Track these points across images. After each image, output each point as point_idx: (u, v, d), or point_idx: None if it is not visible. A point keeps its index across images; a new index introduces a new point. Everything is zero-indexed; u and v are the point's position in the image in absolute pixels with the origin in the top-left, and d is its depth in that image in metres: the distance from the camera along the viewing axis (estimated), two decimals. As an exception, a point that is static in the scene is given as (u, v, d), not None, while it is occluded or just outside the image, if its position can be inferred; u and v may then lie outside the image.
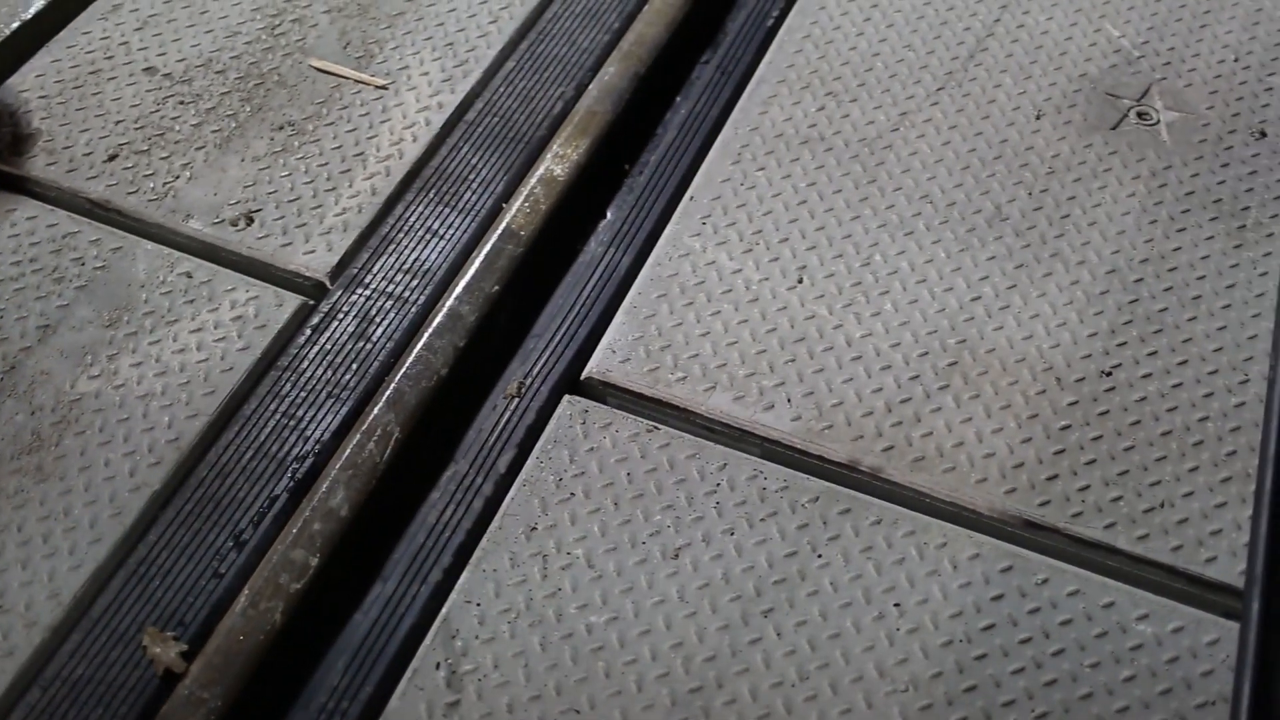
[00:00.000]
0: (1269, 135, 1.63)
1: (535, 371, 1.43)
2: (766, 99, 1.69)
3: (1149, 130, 1.64)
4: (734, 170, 1.60)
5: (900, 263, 1.49)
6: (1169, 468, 1.32)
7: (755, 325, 1.44)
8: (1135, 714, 1.18)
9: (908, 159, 1.61)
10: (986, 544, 1.28)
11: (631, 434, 1.36)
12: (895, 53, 1.75)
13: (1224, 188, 1.58)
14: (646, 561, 1.27)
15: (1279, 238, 1.51)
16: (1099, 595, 1.24)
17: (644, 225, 1.57)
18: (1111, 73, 1.72)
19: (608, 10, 1.83)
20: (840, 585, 1.25)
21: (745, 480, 1.32)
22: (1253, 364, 1.40)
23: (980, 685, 1.19)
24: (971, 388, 1.38)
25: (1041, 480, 1.31)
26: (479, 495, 1.33)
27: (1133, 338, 1.42)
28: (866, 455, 1.33)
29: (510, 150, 1.65)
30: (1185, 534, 1.28)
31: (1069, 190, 1.57)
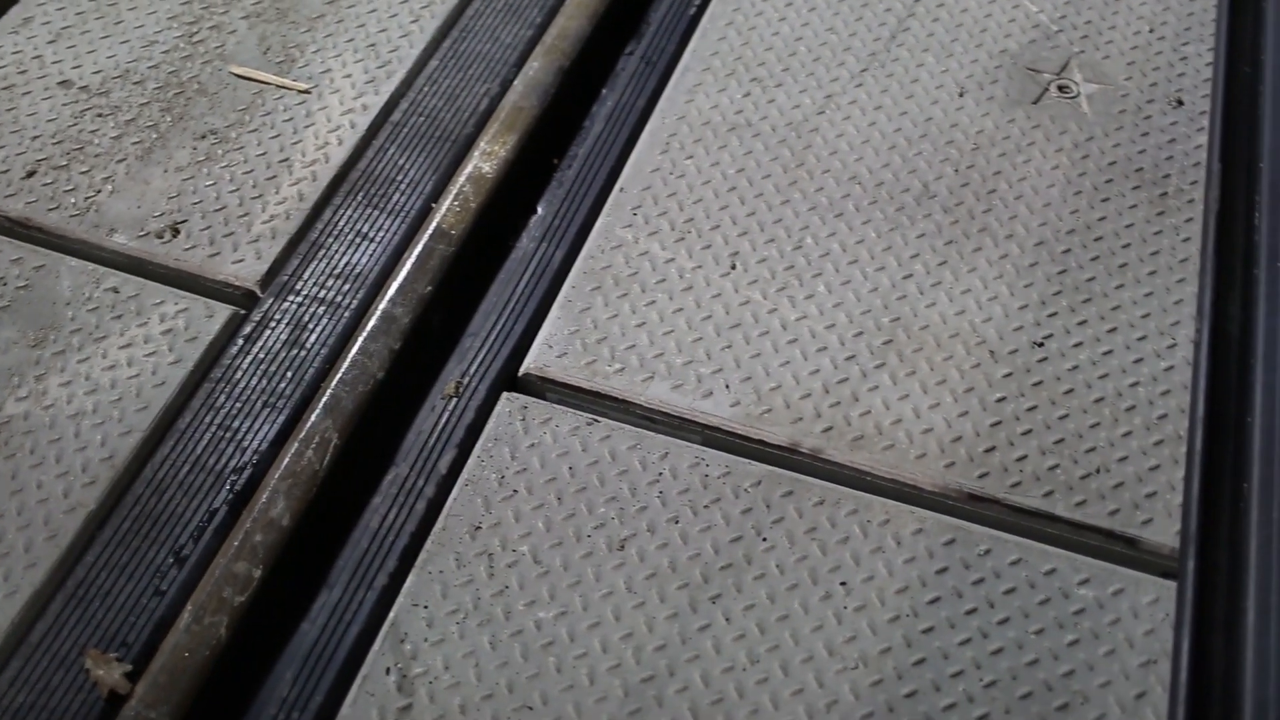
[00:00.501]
0: (1186, 104, 1.66)
1: (472, 370, 1.42)
2: (692, 87, 1.69)
3: (1070, 103, 1.67)
4: (663, 160, 1.60)
5: (831, 244, 1.50)
6: (1103, 434, 1.34)
7: (690, 313, 1.44)
8: (1080, 677, 1.19)
9: (834, 141, 1.62)
10: (929, 518, 1.29)
11: (572, 428, 1.36)
12: (818, 36, 1.76)
13: (1145, 157, 1.60)
14: (593, 554, 1.27)
15: (1199, 204, 1.53)
16: (1040, 563, 1.26)
17: (575, 219, 1.56)
18: (1031, 48, 1.74)
19: (530, 5, 1.82)
20: (786, 567, 1.26)
21: (687, 468, 1.33)
22: (1179, 328, 1.42)
23: (929, 658, 1.20)
24: (907, 365, 1.39)
25: (980, 453, 1.32)
26: (421, 497, 1.33)
27: (1063, 308, 1.44)
28: (806, 437, 1.34)
29: (437, 149, 1.64)
30: (1121, 498, 1.30)
31: (994, 165, 1.59)
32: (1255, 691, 1.12)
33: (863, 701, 1.18)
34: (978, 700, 1.18)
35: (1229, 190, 1.50)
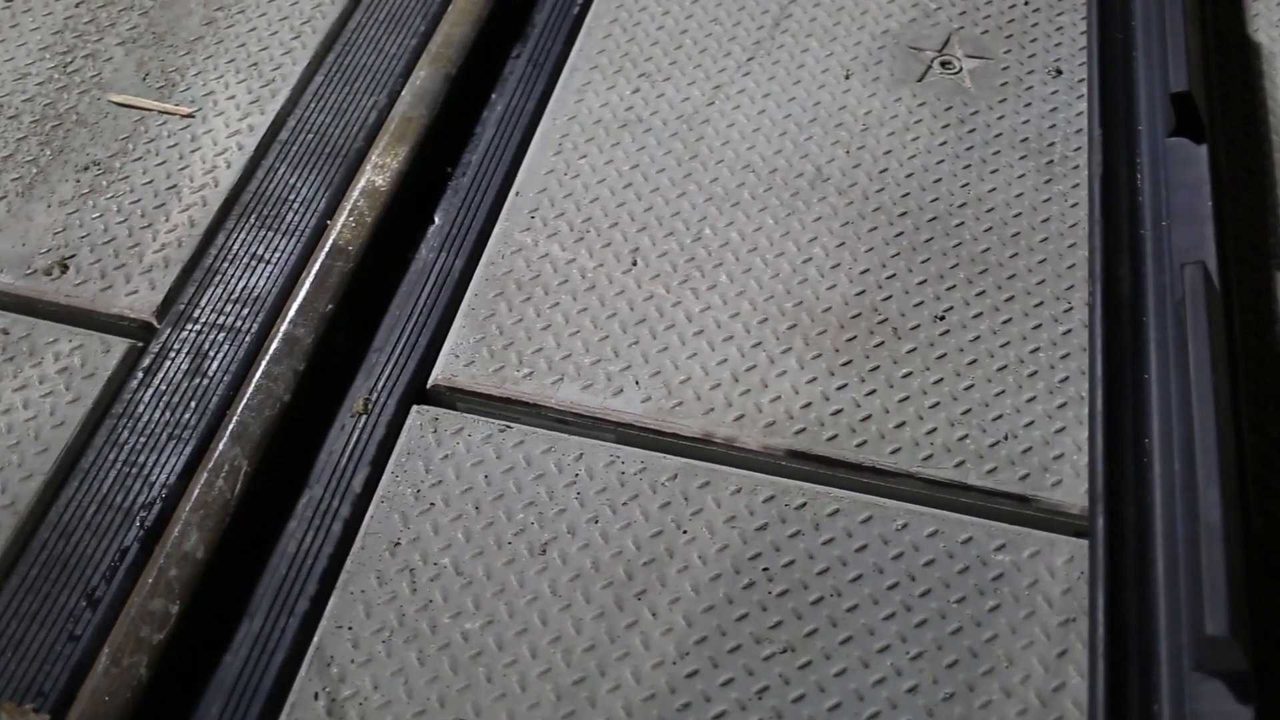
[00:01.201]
0: (1064, 73, 1.70)
1: (380, 386, 1.41)
2: (581, 87, 1.69)
3: (953, 79, 1.69)
4: (556, 161, 1.60)
5: (730, 234, 1.51)
6: (1008, 401, 1.37)
7: (595, 312, 1.44)
8: (1004, 640, 1.21)
9: (726, 131, 1.63)
10: (845, 498, 1.30)
11: (484, 436, 1.35)
12: (702, 28, 1.77)
13: (1029, 127, 1.63)
14: (515, 561, 1.27)
15: (1084, 169, 1.57)
16: (957, 532, 1.28)
17: (473, 226, 1.55)
18: (912, 27, 1.76)
19: (412, 14, 1.81)
20: (708, 558, 1.26)
21: (603, 467, 1.32)
22: (1074, 292, 1.45)
23: (855, 635, 1.22)
24: (813, 348, 1.40)
25: (890, 429, 1.34)
26: (337, 518, 1.31)
27: (960, 280, 1.47)
28: (719, 427, 1.35)
29: (329, 166, 1.62)
30: (1030, 462, 1.32)
31: (884, 145, 1.61)
32: (1169, 639, 1.15)
33: (793, 685, 1.19)
34: (905, 673, 1.20)
35: (1111, 154, 1.54)
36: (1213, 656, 1.09)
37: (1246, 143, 1.63)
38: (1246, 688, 1.09)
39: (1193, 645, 1.12)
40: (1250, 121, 1.66)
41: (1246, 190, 1.58)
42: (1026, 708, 1.18)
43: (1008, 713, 1.17)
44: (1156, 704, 1.13)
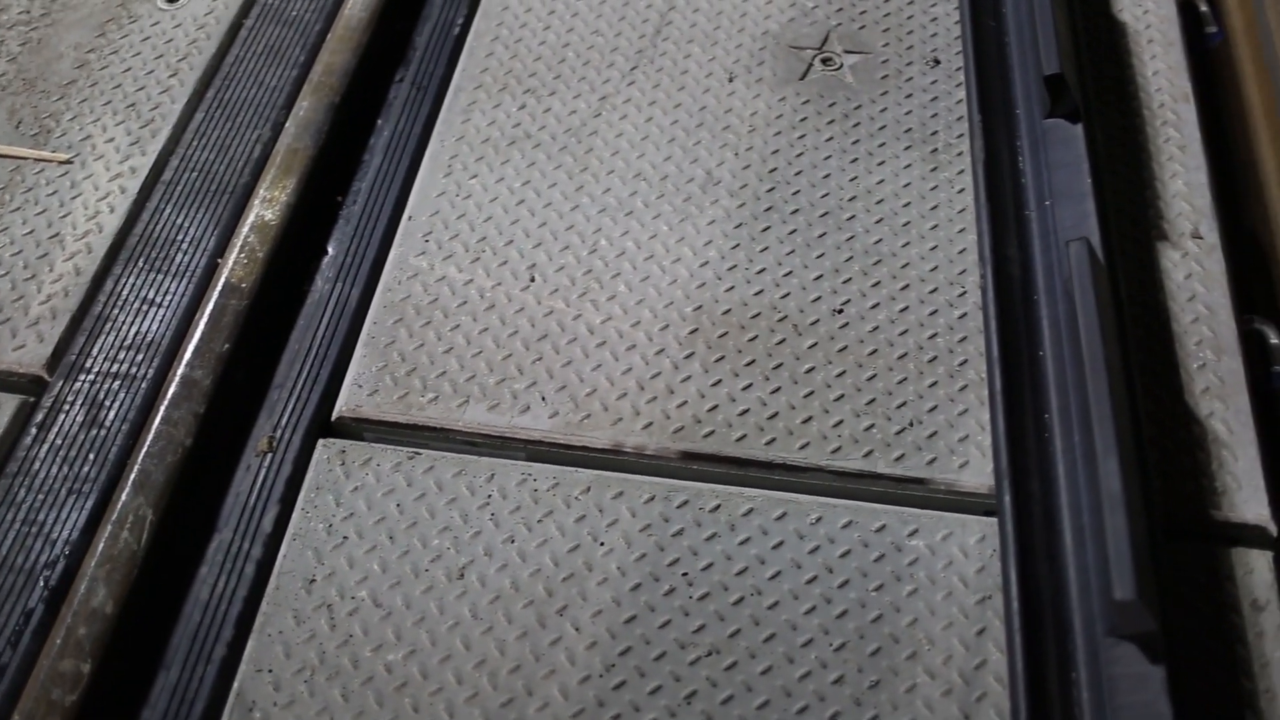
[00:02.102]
0: (942, 62, 1.73)
1: (284, 422, 1.39)
2: (467, 106, 1.69)
3: (835, 75, 1.72)
4: (447, 183, 1.59)
5: (626, 243, 1.52)
6: (911, 388, 1.39)
7: (496, 332, 1.44)
8: (923, 624, 1.23)
9: (615, 141, 1.63)
10: (759, 497, 1.31)
11: (394, 464, 1.34)
12: (584, 40, 1.77)
13: (911, 117, 1.66)
14: (433, 588, 1.26)
15: (968, 155, 1.60)
16: (870, 521, 1.29)
17: (367, 254, 1.54)
18: (791, 26, 1.78)
19: (291, 45, 1.79)
20: (627, 569, 1.26)
21: (515, 486, 1.32)
22: (967, 276, 1.48)
23: (778, 632, 1.22)
24: (715, 351, 1.41)
25: (797, 425, 1.35)
26: (249, 560, 1.29)
27: (856, 273, 1.49)
28: (628, 436, 1.35)
29: (216, 203, 1.59)
30: (937, 446, 1.34)
31: (772, 145, 1.62)
32: (1081, 607, 1.17)
33: (721, 687, 1.19)
34: (830, 665, 1.21)
35: (992, 139, 1.57)
36: (1123, 620, 1.12)
37: (1120, 119, 1.68)
38: (1157, 648, 1.12)
39: (1103, 611, 1.15)
40: (1122, 98, 1.71)
41: (1124, 165, 1.63)
42: (950, 687, 1.19)
43: (932, 694, 1.19)
44: (1074, 671, 1.15)
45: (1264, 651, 1.23)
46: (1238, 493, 1.33)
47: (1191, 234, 1.56)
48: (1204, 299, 1.49)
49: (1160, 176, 1.62)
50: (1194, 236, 1.55)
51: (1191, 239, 1.55)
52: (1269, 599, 1.26)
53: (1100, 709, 1.12)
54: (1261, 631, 1.24)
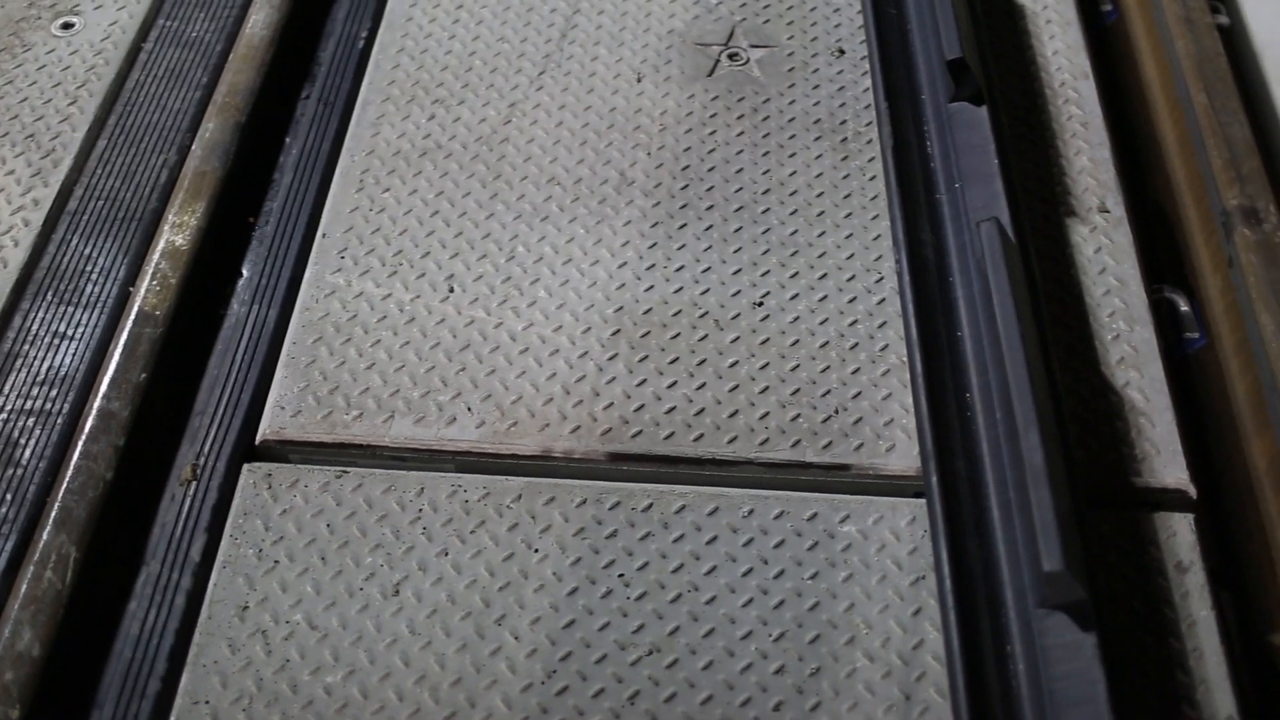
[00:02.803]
0: (847, 52, 1.75)
1: (207, 449, 1.37)
2: (375, 120, 1.67)
3: (742, 70, 1.73)
4: (360, 198, 1.58)
5: (543, 249, 1.51)
6: (834, 375, 1.40)
7: (418, 345, 1.43)
8: (860, 608, 1.24)
9: (527, 147, 1.63)
10: (690, 493, 1.31)
11: (321, 484, 1.33)
12: (490, 47, 1.76)
13: (820, 108, 1.68)
14: (369, 606, 1.24)
15: (877, 142, 1.62)
16: (802, 511, 1.30)
17: (282, 274, 1.52)
18: (696, 24, 1.79)
19: (192, 66, 1.76)
20: (563, 574, 1.26)
21: (446, 498, 1.31)
22: (883, 262, 1.50)
23: (717, 627, 1.23)
24: (639, 350, 1.42)
25: (724, 419, 1.36)
26: (179, 591, 1.27)
27: (774, 265, 1.50)
28: (557, 441, 1.35)
29: (124, 231, 1.56)
30: (863, 432, 1.36)
31: (684, 142, 1.63)
32: (1012, 581, 1.19)
33: (663, 686, 1.19)
34: (771, 655, 1.21)
35: (899, 125, 1.59)
36: (1053, 592, 1.14)
37: (1023, 100, 1.71)
38: (1088, 616, 1.14)
39: (1033, 584, 1.16)
40: (1024, 79, 1.74)
41: (1029, 144, 1.65)
42: (890, 669, 1.21)
43: (873, 677, 1.20)
44: (1009, 645, 1.17)
45: (1190, 611, 1.25)
46: (1157, 459, 1.36)
47: (1099, 208, 1.59)
48: (1114, 271, 1.52)
49: (1065, 154, 1.65)
50: (1101, 211, 1.59)
51: (1099, 213, 1.58)
52: (1192, 560, 1.29)
53: (1036, 680, 1.14)
54: (1187, 592, 1.27)
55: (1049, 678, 1.14)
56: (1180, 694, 1.20)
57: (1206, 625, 1.25)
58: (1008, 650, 1.17)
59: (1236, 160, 1.65)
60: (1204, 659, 1.22)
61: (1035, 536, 1.15)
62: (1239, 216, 1.58)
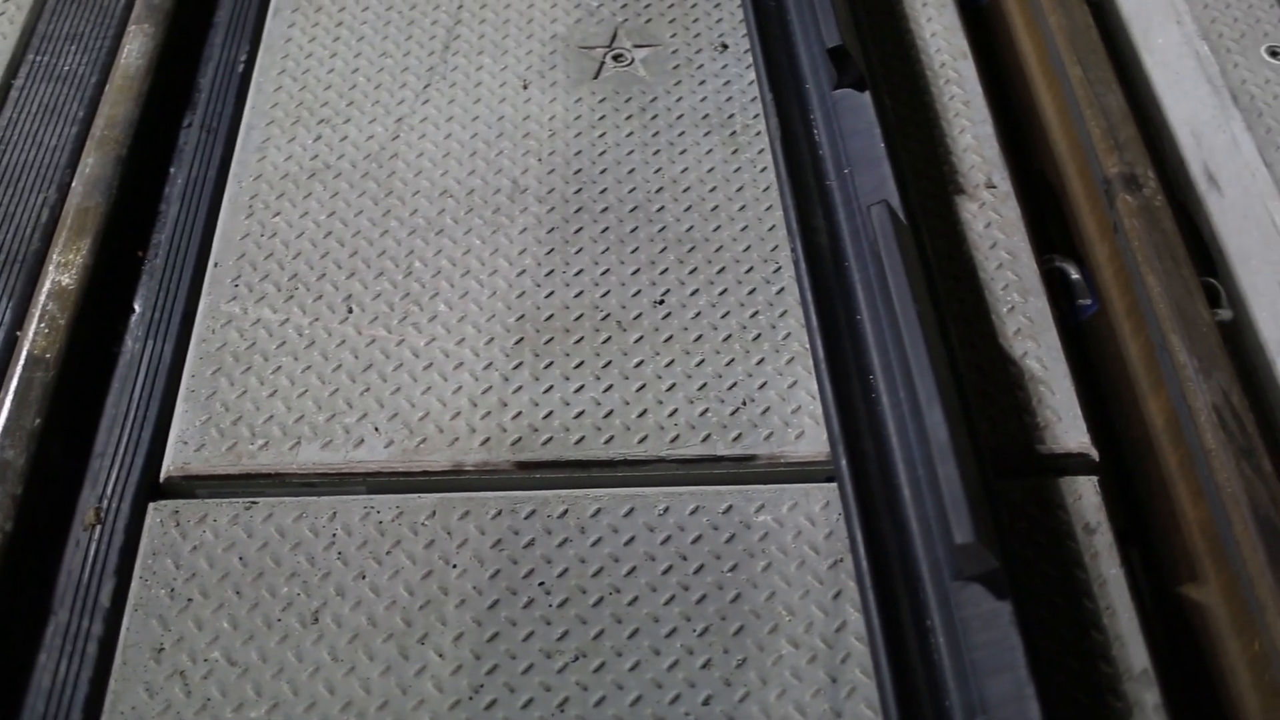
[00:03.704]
0: (730, 46, 1.76)
1: (109, 492, 1.34)
2: (261, 144, 1.65)
3: (627, 70, 1.73)
4: (250, 224, 1.55)
5: (440, 262, 1.50)
6: (739, 368, 1.41)
7: (320, 368, 1.41)
8: (781, 596, 1.25)
9: (417, 161, 1.62)
10: (604, 496, 1.32)
11: (231, 517, 1.30)
12: (373, 63, 1.75)
13: (707, 104, 1.69)
14: (288, 637, 1.23)
15: (765, 134, 1.63)
16: (717, 504, 1.31)
17: (176, 307, 1.49)
18: (579, 27, 1.79)
19: (67, 101, 1.72)
20: (483, 587, 1.26)
21: (359, 521, 1.30)
22: (779, 252, 1.51)
23: (641, 627, 1.23)
24: (543, 357, 1.41)
25: (633, 419, 1.36)
26: (90, 639, 1.24)
27: (672, 262, 1.50)
28: (467, 454, 1.34)
29: (7, 274, 1.52)
30: (772, 421, 1.37)
31: (574, 147, 1.63)
32: (927, 556, 1.21)
33: (592, 690, 1.19)
34: (697, 650, 1.22)
35: (786, 115, 1.60)
36: (966, 563, 1.16)
37: (905, 82, 1.73)
38: (1002, 585, 1.16)
39: (947, 557, 1.18)
40: (905, 61, 1.77)
41: (914, 125, 1.68)
42: (815, 654, 1.22)
43: (799, 663, 1.21)
44: (928, 619, 1.19)
45: (1100, 571, 1.28)
46: (1058, 425, 1.39)
47: (986, 184, 1.62)
48: (1005, 245, 1.55)
49: (949, 133, 1.68)
50: (988, 186, 1.62)
51: (986, 189, 1.61)
52: (1099, 520, 1.32)
53: (957, 651, 1.16)
54: (1096, 552, 1.30)
55: (969, 648, 1.16)
56: (1096, 652, 1.23)
57: (1117, 583, 1.28)
58: (928, 624, 1.19)
59: (1114, 129, 1.69)
60: (1116, 616, 1.25)
61: (945, 511, 1.17)
62: (1120, 183, 1.62)
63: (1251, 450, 1.37)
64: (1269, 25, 1.76)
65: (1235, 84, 1.69)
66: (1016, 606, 1.15)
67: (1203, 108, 1.72)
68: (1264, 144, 1.62)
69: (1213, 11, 1.79)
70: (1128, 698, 1.20)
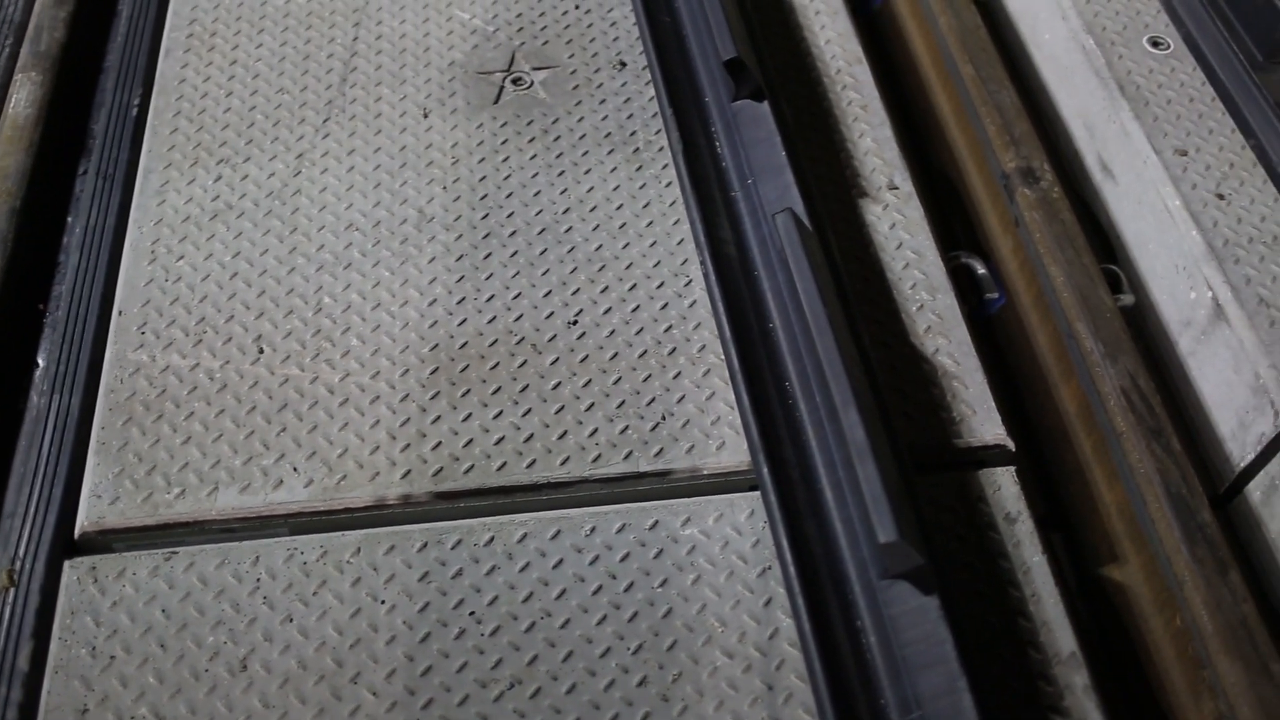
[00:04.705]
0: (628, 64, 1.77)
1: (22, 552, 1.30)
2: (160, 188, 1.62)
3: (527, 93, 1.73)
4: (153, 269, 1.53)
5: (350, 297, 1.49)
6: (657, 383, 1.41)
7: (233, 411, 1.39)
8: (712, 608, 1.25)
9: (320, 196, 1.60)
10: (530, 520, 1.31)
11: (151, 570, 1.28)
12: (270, 100, 1.73)
13: (609, 122, 1.69)
14: (217, 687, 1.20)
15: (668, 150, 1.64)
16: (643, 521, 1.31)
17: (81, 359, 1.46)
18: (476, 53, 1.79)
19: (-44, 156, 1.68)
20: (413, 621, 1.24)
21: (283, 564, 1.28)
22: (689, 265, 1.52)
23: (575, 650, 1.23)
24: (460, 385, 1.40)
25: (554, 442, 1.36)
26: (9, 705, 1.20)
27: (583, 282, 1.50)
28: (389, 489, 1.33)
29: (-97, 337, 1.48)
30: (692, 434, 1.37)
31: (478, 172, 1.63)
32: (854, 559, 1.22)
33: (529, 716, 1.19)
34: (632, 669, 1.22)
35: (687, 129, 1.61)
36: (892, 561, 1.17)
37: (803, 90, 1.75)
38: (928, 580, 1.18)
39: (873, 557, 1.20)
40: (801, 70, 1.79)
41: (814, 132, 1.70)
42: (750, 662, 1.22)
43: (734, 673, 1.21)
44: (858, 619, 1.20)
45: (1024, 559, 1.30)
46: (974, 418, 1.41)
47: (888, 186, 1.64)
48: (910, 244, 1.57)
49: (850, 137, 1.70)
50: (891, 188, 1.64)
51: (889, 190, 1.64)
52: (1019, 509, 1.34)
53: (888, 649, 1.17)
54: (1019, 541, 1.32)
55: (900, 645, 1.17)
56: (1025, 639, 1.25)
57: (1040, 570, 1.30)
58: (858, 625, 1.20)
59: (1009, 125, 1.73)
60: (1042, 602, 1.27)
61: (868, 511, 1.18)
62: (1018, 178, 1.66)
63: (1160, 430, 1.40)
64: (1149, 17, 1.81)
65: (1121, 75, 1.73)
66: (944, 600, 1.17)
67: (1092, 100, 1.76)
68: (1152, 132, 1.66)
69: (1095, 6, 1.83)
70: (1058, 681, 1.22)
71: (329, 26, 1.83)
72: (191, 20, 1.83)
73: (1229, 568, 1.29)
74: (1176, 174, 1.61)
